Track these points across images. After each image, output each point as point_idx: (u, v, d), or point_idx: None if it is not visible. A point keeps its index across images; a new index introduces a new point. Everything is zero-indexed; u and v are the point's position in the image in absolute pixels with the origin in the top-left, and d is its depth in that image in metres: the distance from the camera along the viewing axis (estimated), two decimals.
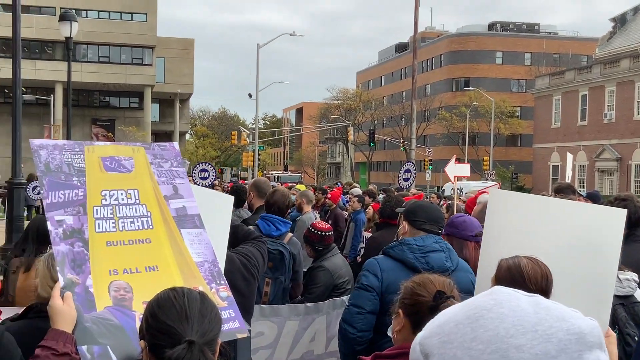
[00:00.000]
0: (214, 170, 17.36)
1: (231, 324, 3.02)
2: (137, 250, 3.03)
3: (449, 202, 13.46)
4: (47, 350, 2.49)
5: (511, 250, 3.19)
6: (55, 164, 3.09)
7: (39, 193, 21.23)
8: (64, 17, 20.94)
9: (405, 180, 16.31)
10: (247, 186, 10.21)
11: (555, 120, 58.93)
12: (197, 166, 17.37)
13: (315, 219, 9.57)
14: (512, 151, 76.68)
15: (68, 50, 21.18)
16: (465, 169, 12.79)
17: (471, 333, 1.50)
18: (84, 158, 3.18)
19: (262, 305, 5.42)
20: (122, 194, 3.15)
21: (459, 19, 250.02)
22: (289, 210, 9.10)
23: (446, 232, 4.62)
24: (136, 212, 3.14)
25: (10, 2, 12.08)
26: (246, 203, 8.89)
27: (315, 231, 6.45)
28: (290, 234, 6.26)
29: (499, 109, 66.96)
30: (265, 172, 71.43)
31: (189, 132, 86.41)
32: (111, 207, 3.09)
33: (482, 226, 4.86)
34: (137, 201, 3.18)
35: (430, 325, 1.64)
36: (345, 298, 5.56)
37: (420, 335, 1.65)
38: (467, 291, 3.90)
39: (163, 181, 3.32)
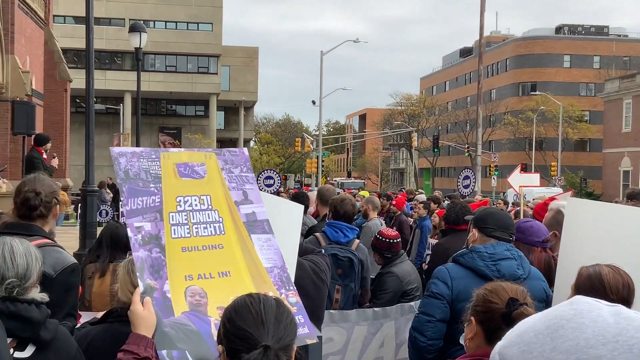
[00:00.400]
0: (279, 177, 17.47)
1: (300, 330, 3.01)
2: (210, 256, 3.08)
3: (517, 208, 13.24)
4: (129, 355, 2.57)
5: (590, 259, 3.12)
6: (134, 171, 3.17)
7: (107, 214, 21.92)
8: (134, 29, 21.43)
9: (465, 187, 16.09)
10: (311, 193, 10.26)
11: (625, 125, 57.35)
12: (262, 173, 17.48)
13: (381, 225, 9.56)
14: (581, 156, 74.94)
15: (137, 60, 21.66)
16: (534, 179, 12.37)
17: (551, 343, 1.50)
18: (160, 165, 3.25)
19: (331, 311, 5.44)
20: (195, 200, 3.21)
21: (525, 22, 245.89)
22: (355, 217, 9.05)
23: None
24: (209, 218, 3.19)
25: (82, 15, 12.43)
26: (311, 209, 8.95)
27: (383, 239, 6.47)
28: (357, 241, 6.27)
29: (566, 113, 65.52)
30: (328, 178, 71.59)
31: (253, 139, 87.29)
32: (185, 213, 3.15)
33: (553, 233, 4.82)
34: (210, 207, 3.23)
35: (510, 335, 1.64)
36: (414, 303, 5.54)
37: (499, 344, 1.65)
38: (540, 299, 3.84)
39: (233, 187, 3.37)
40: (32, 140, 15.64)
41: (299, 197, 9.06)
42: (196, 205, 3.20)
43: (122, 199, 3.11)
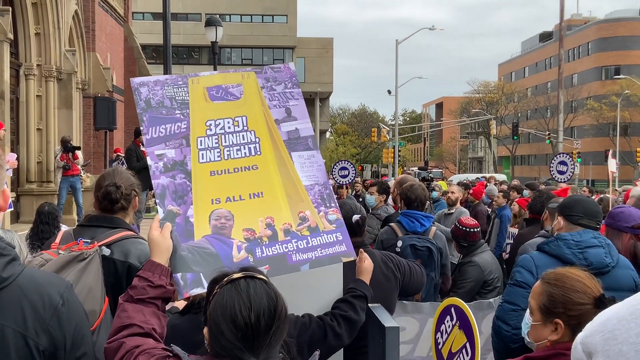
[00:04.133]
0: (354, 168, 17.42)
1: (337, 247, 2.98)
2: (242, 178, 3.00)
3: (601, 195, 12.83)
4: (144, 282, 2.56)
5: None
6: (156, 100, 3.10)
7: None
8: (210, 23, 21.67)
9: (561, 173, 15.32)
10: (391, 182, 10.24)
11: None
12: (337, 164, 17.47)
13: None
14: None
15: (214, 54, 21.92)
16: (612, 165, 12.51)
17: (636, 328, 1.50)
18: (188, 90, 3.16)
19: (403, 301, 5.35)
20: (228, 122, 3.12)
21: (607, 4, 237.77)
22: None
23: (605, 222, 4.39)
24: (243, 139, 3.10)
25: (160, 11, 12.67)
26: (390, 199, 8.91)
27: (461, 227, 6.42)
28: (434, 228, 6.19)
29: None
30: (405, 168, 71.16)
31: (329, 130, 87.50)
32: (216, 137, 3.07)
33: None
34: (245, 128, 3.14)
35: (591, 325, 1.64)
36: (493, 300, 5.40)
37: (580, 335, 1.66)
38: (629, 289, 3.69)
39: (275, 104, 3.27)
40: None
41: (383, 187, 9.08)
42: (229, 127, 3.11)
43: (142, 128, 3.03)
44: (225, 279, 2.14)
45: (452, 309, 3.86)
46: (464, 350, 3.68)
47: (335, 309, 3.28)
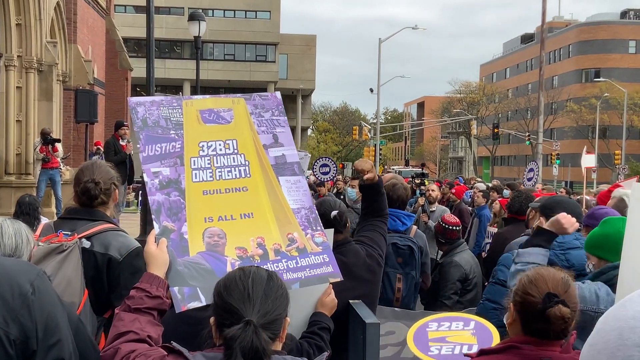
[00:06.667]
0: (334, 165, 17.40)
1: (324, 269, 3.08)
2: (233, 198, 3.10)
3: (579, 197, 12.96)
4: (142, 292, 2.63)
5: None
6: (152, 119, 3.19)
7: None
8: (193, 17, 21.55)
9: (529, 179, 15.74)
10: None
11: None
12: (318, 161, 17.45)
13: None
14: None
15: (196, 49, 21.79)
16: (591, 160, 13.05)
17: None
18: (182, 112, 3.26)
19: (395, 308, 5.37)
20: (220, 145, 3.22)
21: (588, 7, 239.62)
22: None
23: (585, 222, 4.40)
24: (234, 162, 3.21)
25: (142, 4, 12.55)
26: None
27: (441, 223, 6.47)
28: (415, 227, 6.21)
29: (632, 100, 63.79)
30: (386, 167, 71.30)
31: (311, 127, 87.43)
32: (209, 158, 3.17)
33: None
34: (236, 151, 3.24)
35: None
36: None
37: None
38: None
39: (263, 130, 3.37)
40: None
41: None
42: (221, 149, 3.21)
43: (139, 146, 3.12)
44: None
45: (473, 322, 3.87)
46: (464, 347, 3.73)
47: (308, 338, 3.34)
